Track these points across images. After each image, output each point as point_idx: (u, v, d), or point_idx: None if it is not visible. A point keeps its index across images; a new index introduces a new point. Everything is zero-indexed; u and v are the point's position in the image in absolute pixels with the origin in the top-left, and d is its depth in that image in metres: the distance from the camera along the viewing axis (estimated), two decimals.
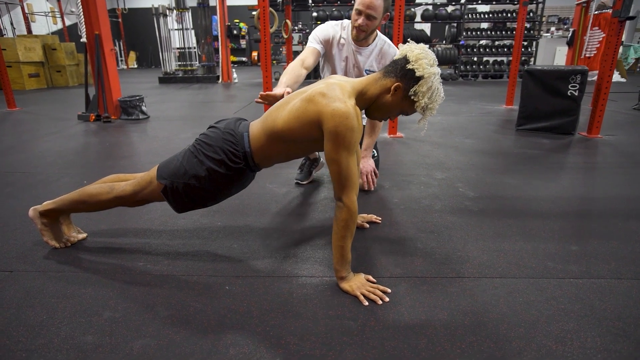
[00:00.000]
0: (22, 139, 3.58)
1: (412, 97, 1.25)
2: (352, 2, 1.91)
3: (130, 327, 1.14)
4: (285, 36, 5.17)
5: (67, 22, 12.52)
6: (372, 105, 1.34)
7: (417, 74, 1.22)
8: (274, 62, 11.86)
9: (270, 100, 1.54)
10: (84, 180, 2.44)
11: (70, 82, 8.68)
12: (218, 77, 9.28)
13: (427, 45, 1.30)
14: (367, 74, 2.03)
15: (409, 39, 1.33)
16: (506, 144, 3.36)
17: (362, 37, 1.92)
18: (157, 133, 3.87)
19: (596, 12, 7.07)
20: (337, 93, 1.25)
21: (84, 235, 1.66)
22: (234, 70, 9.39)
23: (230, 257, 1.54)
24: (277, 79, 8.05)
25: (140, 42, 16.35)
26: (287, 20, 5.08)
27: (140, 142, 3.54)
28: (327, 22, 2.03)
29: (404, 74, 1.26)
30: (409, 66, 1.24)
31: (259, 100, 1.54)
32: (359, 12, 1.85)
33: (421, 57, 1.23)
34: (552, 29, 11.79)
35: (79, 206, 1.52)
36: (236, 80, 9.26)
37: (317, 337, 1.10)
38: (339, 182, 1.25)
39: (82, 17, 4.25)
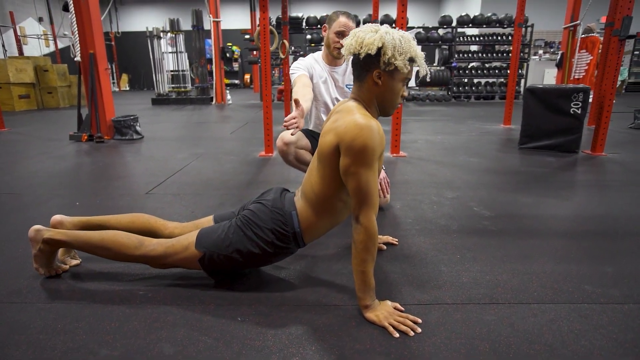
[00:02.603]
0: (11, 160, 3.42)
1: (391, 69, 1.17)
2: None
3: None
4: (282, 56, 5.15)
5: (60, 45, 12.45)
6: (378, 107, 1.26)
7: (374, 52, 1.14)
8: None
9: (299, 121, 1.40)
10: (76, 201, 2.30)
11: (61, 103, 8.55)
12: (212, 98, 9.23)
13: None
14: (349, 89, 2.19)
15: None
16: (512, 163, 3.30)
17: (342, 55, 2.07)
18: (152, 153, 3.74)
19: (583, 35, 7.24)
20: (352, 112, 1.17)
21: (78, 261, 1.51)
22: (228, 91, 9.35)
23: (240, 284, 1.40)
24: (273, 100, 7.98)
25: (132, 64, 16.38)
26: (285, 41, 5.07)
27: (136, 162, 3.40)
28: (297, 60, 2.22)
29: (368, 64, 1.18)
30: (362, 55, 1.17)
31: (288, 126, 1.37)
32: (341, 34, 2.05)
33: (360, 39, 1.16)
34: (540, 51, 12.07)
35: (97, 251, 1.36)
36: (230, 102, 9.21)
37: None
38: (357, 199, 1.14)
39: (77, 36, 4.17)
